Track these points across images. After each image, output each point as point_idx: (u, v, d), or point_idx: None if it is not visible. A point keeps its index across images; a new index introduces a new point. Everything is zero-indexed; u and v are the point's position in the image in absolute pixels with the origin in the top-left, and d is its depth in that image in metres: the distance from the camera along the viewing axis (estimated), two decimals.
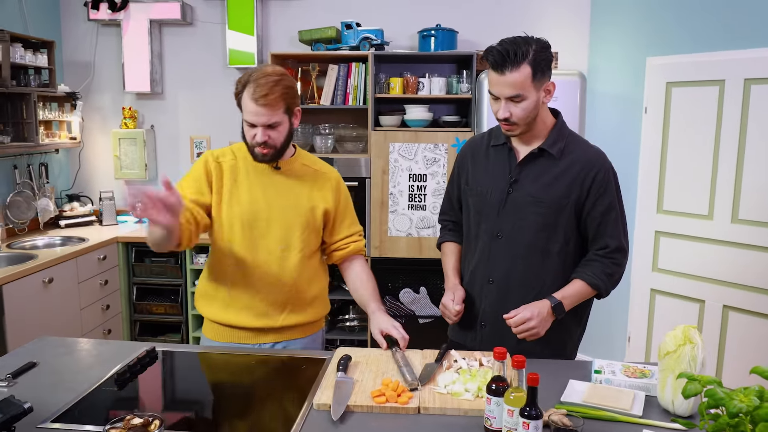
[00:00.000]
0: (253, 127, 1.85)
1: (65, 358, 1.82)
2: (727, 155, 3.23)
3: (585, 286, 1.81)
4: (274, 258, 1.93)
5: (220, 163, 1.96)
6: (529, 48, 1.70)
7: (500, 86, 1.73)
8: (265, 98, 1.79)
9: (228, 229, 1.93)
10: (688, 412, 1.45)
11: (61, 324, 3.31)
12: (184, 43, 4.28)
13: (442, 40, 3.77)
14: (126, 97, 4.35)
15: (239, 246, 1.92)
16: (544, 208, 1.81)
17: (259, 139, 1.84)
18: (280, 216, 1.93)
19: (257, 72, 1.84)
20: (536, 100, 1.75)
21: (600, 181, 1.80)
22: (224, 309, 1.96)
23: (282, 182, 1.96)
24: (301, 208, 1.95)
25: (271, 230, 1.92)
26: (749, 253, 3.18)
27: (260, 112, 1.81)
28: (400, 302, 3.79)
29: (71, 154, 4.42)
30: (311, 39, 3.85)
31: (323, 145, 3.85)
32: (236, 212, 1.92)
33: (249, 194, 1.93)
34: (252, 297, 1.93)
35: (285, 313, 1.96)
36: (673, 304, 3.54)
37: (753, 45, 3.10)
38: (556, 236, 1.83)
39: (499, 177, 1.87)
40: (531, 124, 1.79)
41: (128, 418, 1.31)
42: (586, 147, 1.87)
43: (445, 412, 1.47)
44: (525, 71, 1.70)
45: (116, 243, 3.87)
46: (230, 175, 1.95)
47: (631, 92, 3.73)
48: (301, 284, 1.97)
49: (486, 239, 1.89)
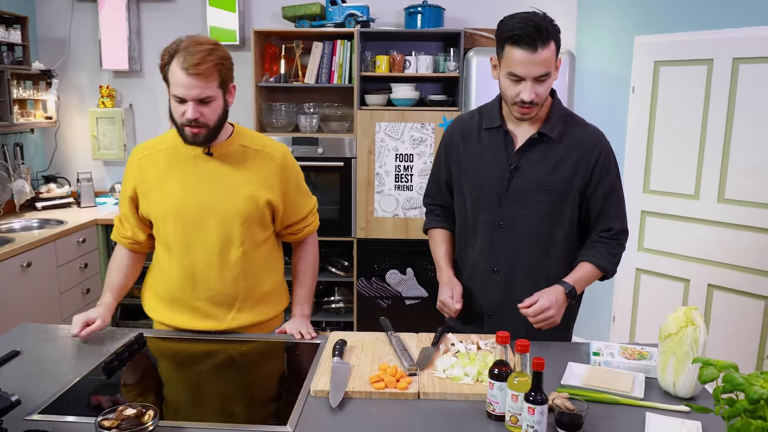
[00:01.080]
0: (182, 103, 1.65)
1: (49, 346, 1.76)
2: (714, 135, 3.23)
3: (593, 269, 1.78)
4: (213, 254, 1.78)
5: (146, 158, 1.81)
6: (550, 22, 1.62)
7: (530, 66, 1.61)
8: (196, 67, 1.60)
9: (162, 226, 1.81)
10: (689, 394, 1.44)
11: (40, 309, 3.23)
12: (163, 20, 4.14)
13: (428, 17, 3.70)
14: (103, 75, 4.21)
15: (174, 243, 1.80)
16: (549, 194, 1.75)
17: (189, 116, 1.64)
18: (215, 208, 1.76)
19: (188, 40, 1.65)
20: (553, 78, 1.67)
21: (602, 163, 1.76)
22: (167, 310, 1.86)
23: (216, 169, 1.77)
24: (239, 197, 1.77)
25: (206, 224, 1.77)
26: (735, 233, 3.20)
27: (191, 84, 1.61)
28: (386, 283, 3.76)
29: (47, 133, 4.28)
30: (295, 15, 3.76)
31: (308, 124, 3.77)
32: (167, 207, 1.78)
33: (180, 186, 1.77)
34: (194, 298, 1.81)
35: (232, 314, 1.83)
36: (659, 284, 3.57)
37: (742, 24, 3.09)
38: (560, 223, 1.78)
39: (496, 163, 1.78)
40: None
41: (121, 409, 1.27)
42: (584, 127, 1.80)
43: (445, 397, 1.45)
44: (552, 48, 1.62)
45: (95, 225, 3.77)
46: (158, 167, 1.79)
47: (619, 71, 3.70)
48: (248, 281, 1.83)
49: (487, 230, 1.81)
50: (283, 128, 3.79)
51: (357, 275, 3.77)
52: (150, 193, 1.81)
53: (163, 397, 1.49)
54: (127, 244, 1.90)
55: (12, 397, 1.20)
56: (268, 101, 3.87)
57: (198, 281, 1.81)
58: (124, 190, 1.87)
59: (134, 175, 1.83)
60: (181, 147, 1.79)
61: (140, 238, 1.89)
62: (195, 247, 1.79)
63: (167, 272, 1.84)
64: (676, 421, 1.33)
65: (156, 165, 1.81)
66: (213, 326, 1.82)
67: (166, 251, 1.84)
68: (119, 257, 1.93)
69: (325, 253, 3.81)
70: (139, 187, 1.82)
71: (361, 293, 3.79)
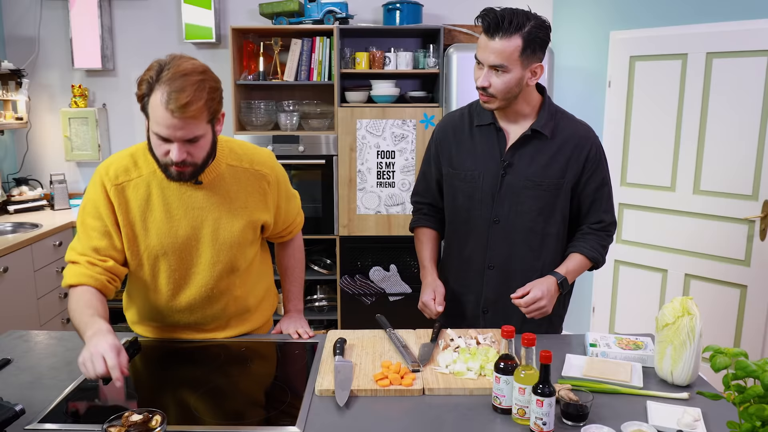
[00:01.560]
0: (166, 142, 1.44)
1: (40, 353, 1.72)
2: (689, 128, 3.31)
3: (585, 260, 1.83)
4: (210, 288, 1.68)
5: (123, 188, 1.57)
6: (526, 21, 1.64)
7: (486, 52, 1.66)
8: (183, 110, 1.37)
9: (150, 267, 1.63)
10: (686, 382, 1.48)
11: (17, 315, 3.14)
12: (136, 17, 4.06)
13: (407, 13, 3.70)
14: (75, 74, 4.11)
15: (167, 282, 1.65)
16: (542, 190, 1.78)
17: (175, 158, 1.44)
18: (210, 239, 1.63)
19: (170, 69, 1.39)
20: (519, 77, 1.68)
21: (593, 158, 1.80)
22: (161, 331, 1.79)
23: (207, 198, 1.60)
24: (236, 225, 1.64)
25: (203, 259, 1.65)
26: (710, 223, 3.29)
27: (177, 125, 1.39)
28: (370, 280, 3.76)
29: (17, 135, 4.17)
30: (273, 12, 3.72)
31: (288, 122, 3.75)
32: (157, 247, 1.59)
33: (169, 221, 1.59)
34: (189, 321, 1.74)
35: (229, 329, 1.79)
36: (637, 274, 3.64)
37: (715, 19, 3.17)
38: (553, 218, 1.82)
39: (489, 160, 1.81)
40: (510, 101, 1.74)
41: (127, 415, 1.25)
42: (575, 123, 1.84)
43: (450, 392, 1.46)
44: (515, 42, 1.64)
45: (72, 228, 3.68)
46: (139, 201, 1.57)
47: (595, 66, 3.76)
48: (245, 297, 1.79)
49: (482, 225, 1.84)
50: (262, 126, 3.75)
51: (340, 273, 3.76)
52: (133, 227, 1.60)
53: (166, 402, 1.47)
54: (103, 281, 1.56)
55: (16, 406, 1.17)
56: (247, 99, 3.83)
57: (195, 312, 1.73)
58: (98, 220, 1.58)
59: (110, 206, 1.58)
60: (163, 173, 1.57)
61: (121, 272, 1.62)
62: (192, 282, 1.67)
63: (155, 305, 1.72)
64: (678, 408, 1.36)
65: (136, 195, 1.59)
66: (211, 337, 1.79)
67: (153, 287, 1.68)
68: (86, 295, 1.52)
69: (307, 251, 3.79)
70: (121, 218, 1.58)
71: (344, 291, 3.78)
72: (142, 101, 1.45)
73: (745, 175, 3.13)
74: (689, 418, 1.31)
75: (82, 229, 1.60)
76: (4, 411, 1.14)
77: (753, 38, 3.02)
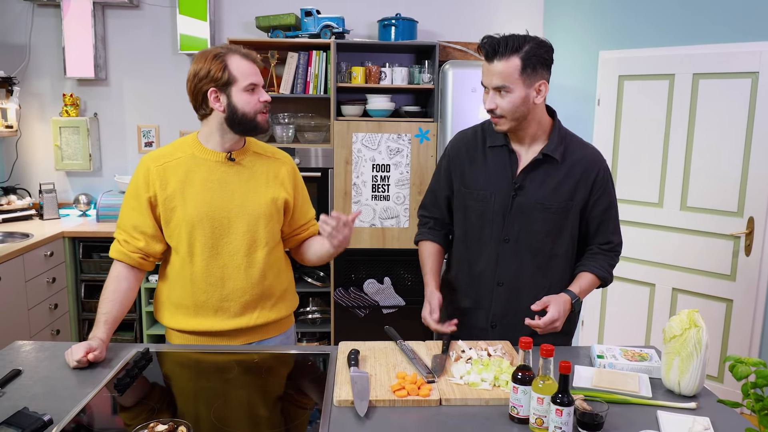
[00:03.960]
0: (253, 91, 1.79)
1: (50, 363, 1.70)
2: (676, 146, 3.41)
3: (594, 279, 1.89)
4: (241, 255, 1.84)
5: (164, 167, 1.82)
6: (523, 42, 1.72)
7: (488, 75, 1.75)
8: (256, 56, 1.82)
9: (187, 235, 1.82)
10: (693, 392, 1.53)
11: (8, 325, 3.10)
12: (130, 27, 4.06)
13: (402, 29, 3.76)
14: (67, 83, 4.08)
15: (202, 249, 1.82)
16: (552, 213, 1.84)
17: (266, 97, 1.81)
18: (241, 211, 1.84)
19: (223, 46, 1.83)
20: (524, 96, 1.74)
21: (601, 181, 1.86)
22: (191, 317, 1.87)
23: (239, 174, 1.86)
24: (262, 198, 1.86)
25: (234, 227, 1.83)
26: (696, 239, 3.39)
27: (257, 71, 1.81)
28: (364, 293, 3.78)
29: (7, 143, 4.11)
30: (269, 25, 3.75)
31: (284, 134, 3.77)
32: (193, 215, 1.80)
33: (205, 193, 1.81)
34: (222, 299, 1.85)
35: (258, 311, 1.89)
36: (625, 288, 3.72)
37: (702, 41, 3.28)
38: (561, 239, 1.88)
39: (501, 180, 1.86)
40: (521, 122, 1.79)
41: (152, 426, 1.26)
42: (583, 147, 1.90)
43: (466, 402, 1.49)
44: (513, 63, 1.71)
45: (63, 238, 3.64)
46: (179, 174, 1.82)
47: (584, 85, 3.86)
48: (271, 278, 1.91)
49: (493, 244, 1.89)
50: (258, 138, 3.76)
51: (334, 285, 3.78)
52: (173, 200, 1.81)
53: (185, 412, 1.47)
54: (136, 259, 1.84)
55: (44, 416, 1.17)
56: None
57: (226, 282, 1.85)
58: (136, 200, 1.83)
59: (152, 182, 1.81)
60: (200, 153, 1.85)
61: (155, 249, 1.85)
62: (224, 249, 1.84)
63: (189, 279, 1.85)
64: (688, 417, 1.41)
65: (176, 172, 1.82)
66: (242, 324, 1.87)
67: (189, 258, 1.84)
68: (118, 281, 1.83)
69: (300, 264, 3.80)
70: (160, 194, 1.81)
71: (338, 303, 3.79)
72: (221, 76, 1.74)
73: (730, 192, 3.24)
74: (699, 426, 1.36)
75: (124, 208, 1.86)
76: (33, 421, 1.14)
77: (738, 60, 3.14)
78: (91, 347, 1.67)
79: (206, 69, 1.75)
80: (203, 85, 1.77)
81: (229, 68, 1.75)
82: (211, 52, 1.77)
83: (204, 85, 1.77)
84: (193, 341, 1.89)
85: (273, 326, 1.96)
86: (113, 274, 1.84)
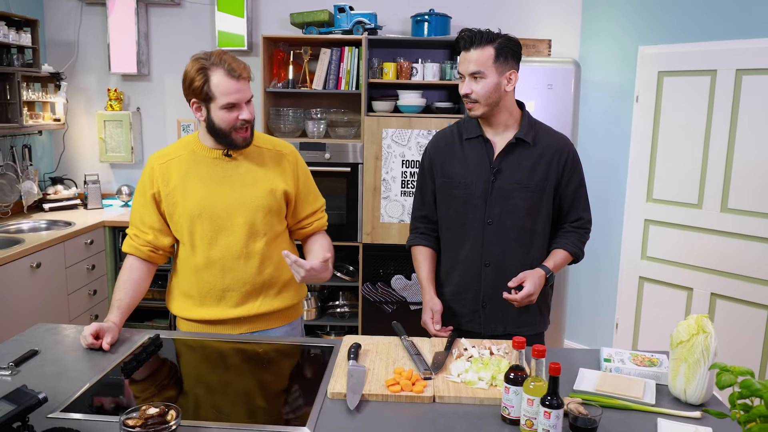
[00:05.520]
0: (233, 109, 1.78)
1: (66, 346, 1.79)
2: (717, 145, 3.27)
3: (567, 255, 2.02)
4: (240, 246, 1.89)
5: (167, 164, 1.90)
6: (496, 36, 1.89)
7: (465, 63, 1.90)
8: (243, 70, 1.78)
9: (188, 228, 1.89)
10: (700, 401, 1.47)
11: (48, 309, 3.25)
12: (171, 24, 4.18)
13: (435, 25, 3.73)
14: (111, 78, 4.24)
15: (202, 241, 1.89)
16: (530, 191, 1.96)
17: (248, 116, 1.80)
18: (239, 203, 1.88)
19: (214, 55, 1.78)
20: (496, 83, 1.88)
21: (571, 162, 2.00)
22: (197, 306, 1.94)
23: (236, 168, 1.90)
24: (260, 191, 1.90)
25: (232, 218, 1.88)
26: (737, 242, 3.24)
27: (241, 88, 1.78)
28: (391, 288, 3.79)
29: (55, 136, 4.31)
30: (303, 22, 3.79)
31: (315, 130, 3.80)
32: (193, 208, 1.87)
33: (204, 188, 1.88)
34: (224, 289, 1.91)
35: (260, 300, 1.94)
36: (662, 292, 3.60)
37: (745, 36, 3.13)
38: (539, 216, 1.99)
39: (480, 167, 1.97)
40: (494, 108, 1.92)
41: (144, 408, 1.29)
42: (552, 133, 2.05)
43: (460, 400, 1.47)
44: (488, 52, 1.87)
45: (103, 227, 3.79)
46: (180, 170, 1.89)
47: (623, 81, 3.75)
48: (272, 269, 1.94)
49: (477, 227, 1.99)
50: (290, 133, 3.82)
51: (362, 280, 3.80)
52: (175, 195, 1.89)
53: (183, 397, 1.51)
54: (146, 252, 1.93)
55: (39, 394, 1.22)
56: (276, 106, 3.91)
57: (227, 273, 1.90)
58: (143, 197, 1.92)
59: (155, 179, 1.90)
60: (200, 151, 1.91)
61: (162, 243, 1.94)
62: (223, 240, 1.88)
63: (193, 270, 1.92)
64: (689, 427, 1.36)
65: (177, 169, 1.90)
66: (243, 313, 1.92)
67: (191, 249, 1.91)
68: (130, 270, 1.93)
69: None
70: (163, 190, 1.89)
71: (366, 298, 3.81)
72: (201, 89, 1.76)
73: None
74: None
75: (134, 205, 1.96)
76: (28, 398, 1.19)
77: None
78: (102, 328, 1.77)
79: (189, 79, 1.78)
80: (187, 94, 1.83)
81: (210, 84, 1.76)
82: (198, 63, 1.77)
83: (187, 94, 1.82)
84: (199, 329, 1.95)
85: (277, 316, 1.99)
86: (126, 266, 1.95)
